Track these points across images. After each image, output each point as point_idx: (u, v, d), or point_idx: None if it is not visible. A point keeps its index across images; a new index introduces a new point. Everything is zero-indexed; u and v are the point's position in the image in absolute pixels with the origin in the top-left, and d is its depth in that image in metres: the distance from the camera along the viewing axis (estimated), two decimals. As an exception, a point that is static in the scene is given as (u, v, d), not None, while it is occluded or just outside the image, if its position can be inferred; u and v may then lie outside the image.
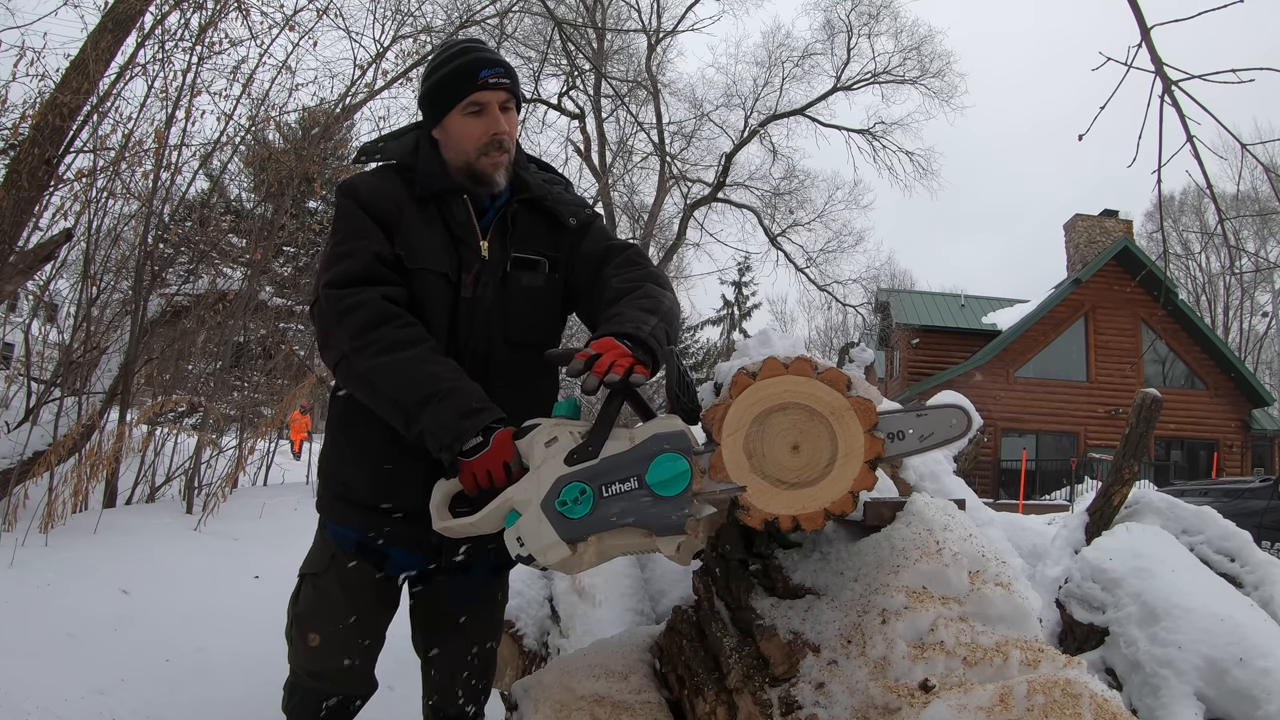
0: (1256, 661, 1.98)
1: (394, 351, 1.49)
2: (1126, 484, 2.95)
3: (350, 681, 1.77)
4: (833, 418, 1.46)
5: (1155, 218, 28.08)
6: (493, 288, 1.67)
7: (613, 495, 1.32)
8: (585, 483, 1.33)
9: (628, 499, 1.31)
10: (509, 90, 1.67)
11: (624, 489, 1.31)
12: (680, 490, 1.30)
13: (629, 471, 1.32)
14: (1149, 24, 2.74)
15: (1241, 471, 19.30)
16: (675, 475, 1.31)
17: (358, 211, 1.64)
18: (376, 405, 1.53)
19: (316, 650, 1.72)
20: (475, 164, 1.66)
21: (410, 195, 1.66)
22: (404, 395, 1.47)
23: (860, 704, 1.33)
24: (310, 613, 1.74)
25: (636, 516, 1.32)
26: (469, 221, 1.68)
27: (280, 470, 7.71)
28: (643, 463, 1.32)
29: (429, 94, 1.69)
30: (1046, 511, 8.17)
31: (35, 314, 5.44)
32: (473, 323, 1.66)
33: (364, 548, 1.69)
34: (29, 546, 3.57)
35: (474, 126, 1.64)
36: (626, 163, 21.06)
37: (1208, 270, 32.83)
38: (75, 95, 4.38)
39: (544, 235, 1.75)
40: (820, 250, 21.88)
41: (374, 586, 1.72)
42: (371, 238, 1.61)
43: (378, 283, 1.57)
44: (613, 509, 1.32)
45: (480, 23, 11.04)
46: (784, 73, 21.23)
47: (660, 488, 1.31)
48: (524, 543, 1.37)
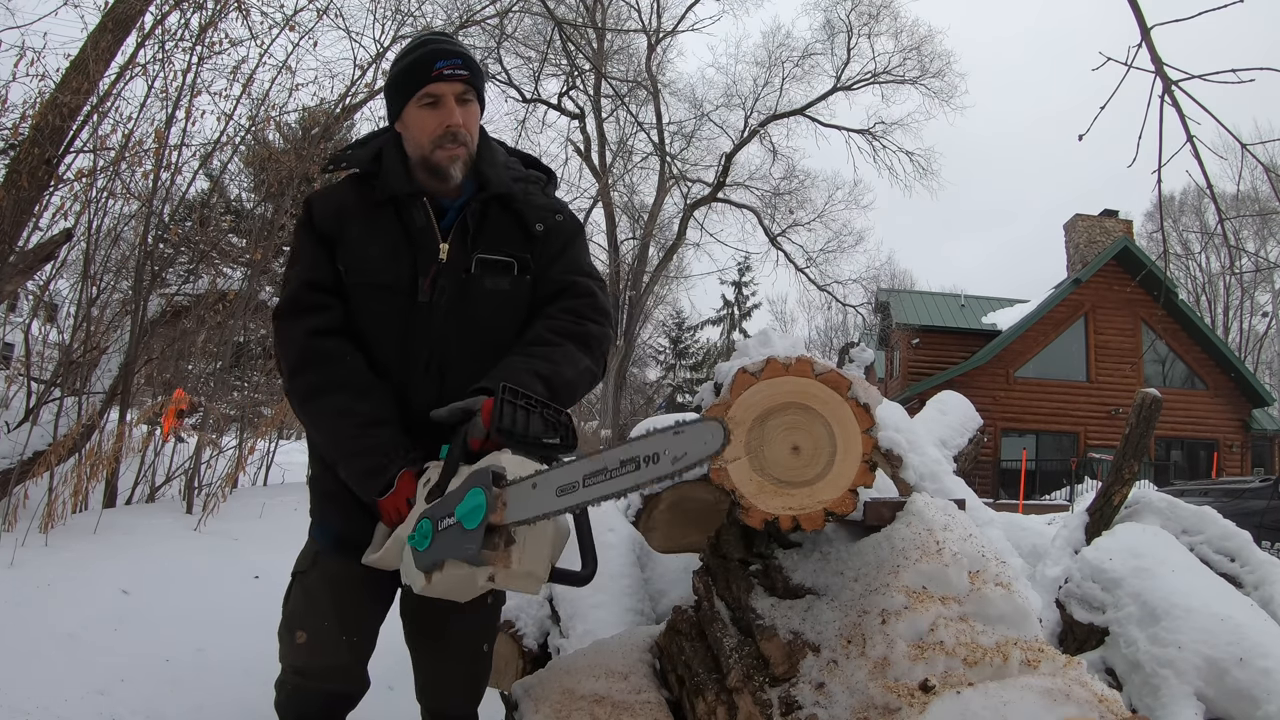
0: (1256, 661, 1.98)
1: (313, 399, 1.62)
2: (1126, 484, 2.95)
3: (336, 678, 1.76)
4: (832, 418, 1.47)
5: (1155, 218, 28.12)
6: (451, 291, 1.65)
7: (443, 529, 1.39)
8: (429, 518, 1.43)
9: (449, 533, 1.38)
10: (466, 81, 1.63)
11: (448, 524, 1.39)
12: (476, 524, 1.34)
13: (451, 506, 1.39)
14: (1149, 24, 2.74)
15: (1241, 471, 19.30)
16: (473, 508, 1.35)
17: (301, 232, 1.70)
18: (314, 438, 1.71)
19: (303, 647, 1.72)
20: (430, 156, 1.63)
21: (362, 205, 1.67)
22: (322, 447, 1.66)
23: (860, 704, 1.33)
24: (298, 611, 1.75)
25: (452, 549, 1.38)
26: (428, 225, 1.65)
27: (280, 470, 7.70)
28: (459, 499, 1.39)
29: (389, 87, 1.69)
30: (1046, 511, 8.17)
31: (35, 314, 5.44)
32: (429, 328, 1.64)
33: (344, 542, 1.68)
34: (29, 546, 3.57)
35: (429, 119, 1.62)
36: (626, 163, 21.10)
37: (1208, 270, 32.86)
38: (75, 95, 4.39)
39: (515, 236, 1.71)
40: (820, 250, 21.96)
41: (359, 583, 1.69)
42: (305, 262, 1.68)
43: (307, 312, 1.64)
44: (441, 543, 1.40)
45: (480, 23, 11.05)
46: (784, 73, 21.30)
47: (465, 520, 1.36)
48: (405, 573, 1.48)
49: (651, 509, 2.35)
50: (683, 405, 25.68)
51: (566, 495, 1.36)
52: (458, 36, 10.17)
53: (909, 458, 2.64)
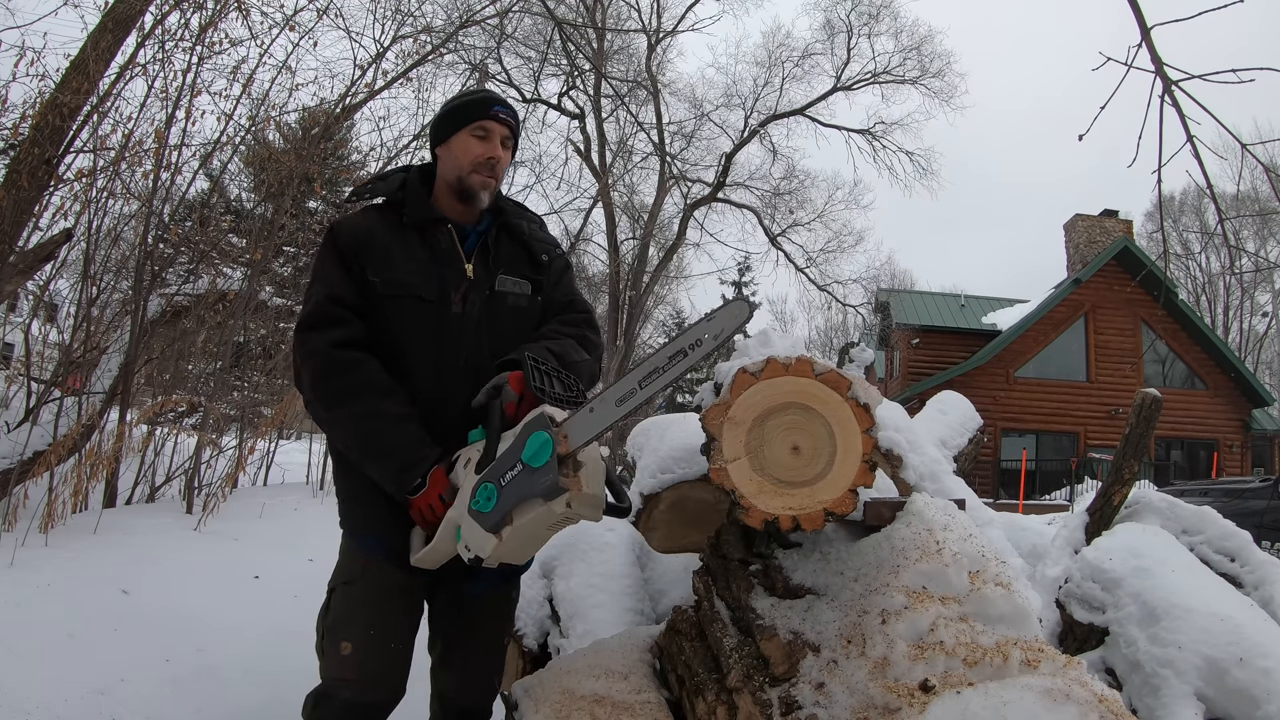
0: (1256, 661, 1.98)
1: (340, 403, 1.72)
2: (1126, 484, 2.95)
3: (380, 686, 1.79)
4: (832, 418, 1.47)
5: (1155, 218, 28.13)
6: (480, 305, 1.84)
7: (509, 482, 1.57)
8: (490, 481, 1.59)
9: (517, 480, 1.56)
10: (512, 131, 1.90)
11: (514, 474, 1.57)
12: (546, 458, 1.54)
13: (513, 458, 1.58)
14: (1149, 24, 2.74)
15: (1241, 471, 19.30)
16: (539, 447, 1.55)
17: (327, 253, 1.82)
18: (339, 446, 1.79)
19: (349, 658, 1.75)
20: (467, 178, 1.85)
21: (391, 228, 1.83)
22: (350, 450, 1.75)
23: (860, 704, 1.33)
24: (342, 622, 1.78)
25: (526, 490, 1.56)
26: (453, 247, 1.85)
27: (280, 470, 7.70)
28: (520, 448, 1.57)
29: (445, 115, 1.90)
30: (1046, 511, 8.18)
31: (35, 314, 5.44)
32: (462, 337, 1.81)
33: (394, 553, 1.76)
34: (29, 546, 3.57)
35: (475, 146, 1.85)
36: (626, 163, 21.06)
37: (1208, 270, 32.84)
38: (75, 95, 4.39)
39: (525, 263, 1.94)
40: (820, 250, 21.87)
41: (406, 592, 1.81)
42: (328, 280, 1.78)
43: (329, 325, 1.75)
44: (510, 492, 1.57)
45: (480, 23, 11.04)
46: (784, 73, 21.23)
47: (533, 460, 1.55)
48: (469, 547, 1.61)
49: (651, 509, 2.35)
50: (683, 405, 25.64)
51: (627, 401, 1.56)
52: (458, 37, 10.12)
53: (909, 458, 2.64)
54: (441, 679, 1.96)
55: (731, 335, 1.56)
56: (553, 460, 1.53)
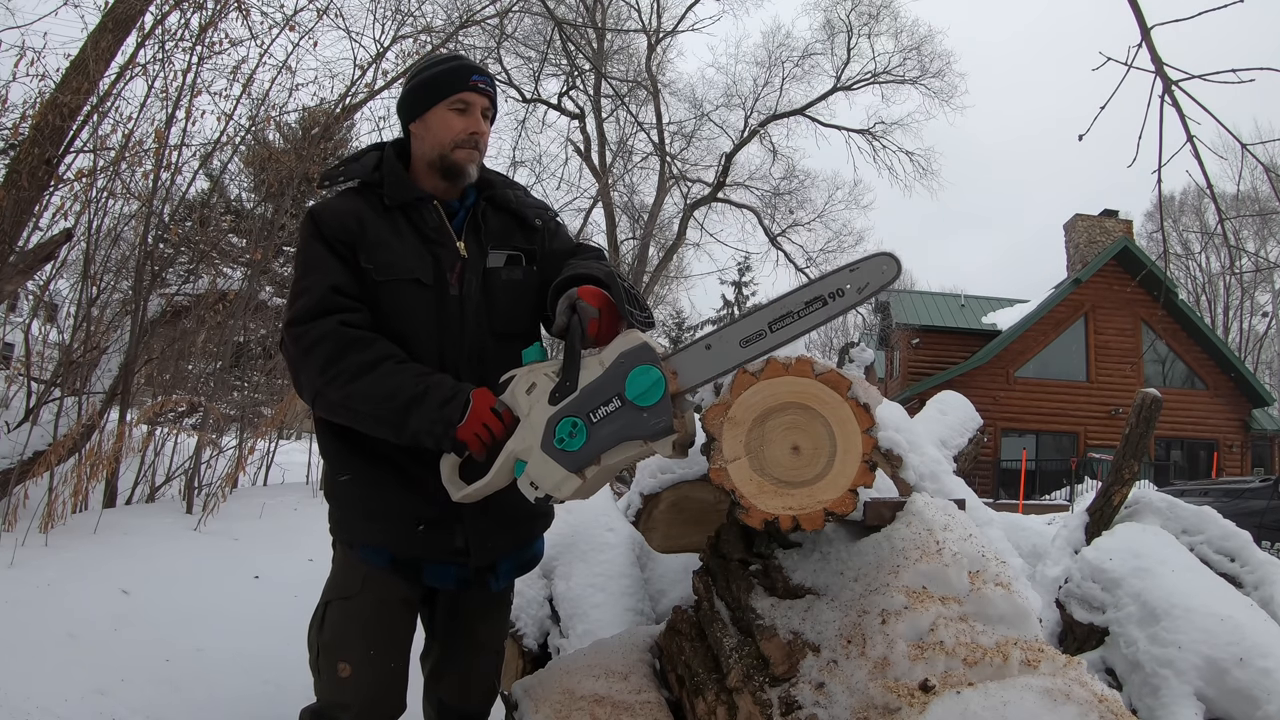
0: (1256, 661, 1.98)
1: (362, 375, 1.58)
2: (1126, 484, 2.95)
3: (381, 707, 1.72)
4: (832, 418, 1.47)
5: (1155, 218, 28.09)
6: (476, 283, 1.74)
7: (602, 419, 1.43)
8: (574, 415, 1.44)
9: (616, 418, 1.42)
10: (490, 100, 1.79)
11: (610, 410, 1.42)
12: (659, 397, 1.41)
13: (609, 393, 1.43)
14: (1149, 24, 2.74)
15: (1241, 471, 19.30)
16: (651, 385, 1.42)
17: (314, 242, 1.69)
18: (361, 425, 1.61)
19: (348, 681, 1.67)
20: (450, 154, 1.74)
21: (374, 210, 1.72)
22: (385, 410, 1.57)
23: (860, 704, 1.33)
24: (339, 639, 1.69)
25: (629, 431, 1.43)
26: (442, 225, 1.75)
27: (280, 470, 7.69)
28: (618, 382, 1.43)
29: (417, 88, 1.77)
30: (1046, 511, 8.17)
31: (35, 314, 5.44)
32: (463, 318, 1.72)
33: (399, 563, 1.69)
34: (29, 546, 3.57)
35: (456, 121, 1.74)
36: (626, 163, 21.05)
37: (1208, 270, 32.83)
38: (75, 95, 4.38)
39: (516, 233, 1.84)
40: (820, 250, 21.86)
41: (406, 604, 1.74)
42: (325, 269, 1.66)
43: (336, 310, 1.63)
44: (605, 431, 1.43)
45: (480, 23, 11.03)
46: (784, 73, 21.23)
47: (641, 399, 1.41)
48: (537, 485, 1.47)
49: (651, 509, 2.36)
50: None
51: (753, 344, 1.44)
52: (458, 37, 10.11)
53: (909, 458, 2.64)
54: (439, 686, 1.91)
55: (877, 292, 1.43)
56: (666, 400, 1.40)
